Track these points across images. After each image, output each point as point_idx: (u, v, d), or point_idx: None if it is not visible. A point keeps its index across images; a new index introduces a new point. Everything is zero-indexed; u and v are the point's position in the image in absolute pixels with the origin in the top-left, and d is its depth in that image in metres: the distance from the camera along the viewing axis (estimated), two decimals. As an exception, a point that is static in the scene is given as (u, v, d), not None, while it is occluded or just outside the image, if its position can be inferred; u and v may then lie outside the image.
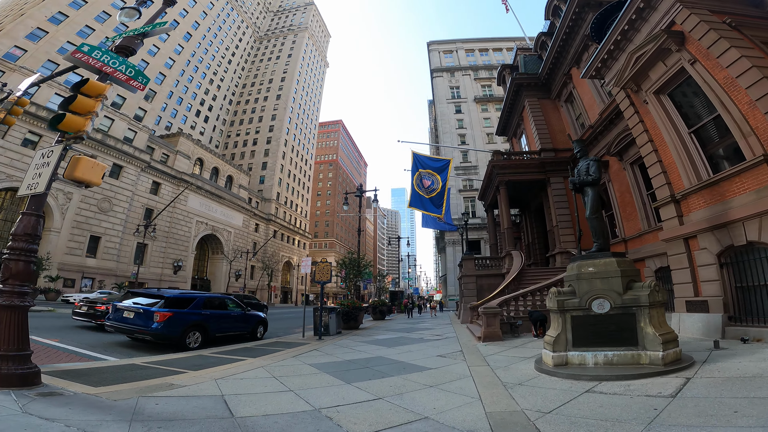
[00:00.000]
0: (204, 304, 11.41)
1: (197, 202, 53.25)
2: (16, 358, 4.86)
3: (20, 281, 5.17)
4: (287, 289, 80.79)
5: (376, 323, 22.48)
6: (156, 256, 46.46)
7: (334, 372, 7.24)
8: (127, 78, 6.23)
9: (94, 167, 5.86)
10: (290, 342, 12.34)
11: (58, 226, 35.83)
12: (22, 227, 5.33)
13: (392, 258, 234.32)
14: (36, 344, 9.01)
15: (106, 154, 39.95)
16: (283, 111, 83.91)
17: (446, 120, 58.74)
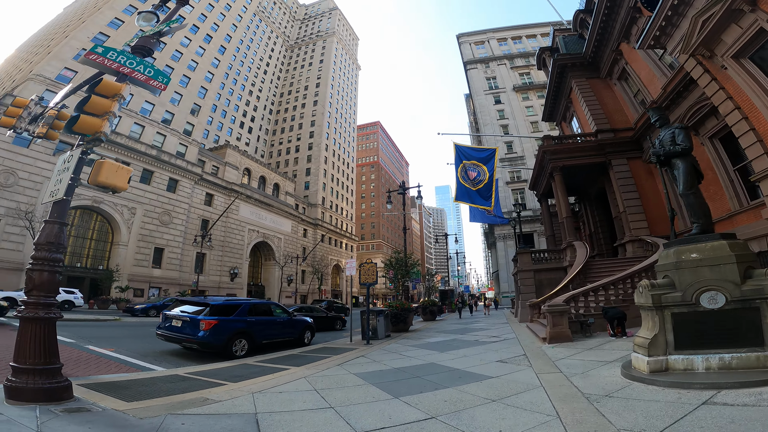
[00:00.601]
0: (249, 310, 11.13)
1: (248, 211, 55.25)
2: (44, 372, 4.59)
3: (45, 292, 4.90)
4: (337, 292, 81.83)
5: (426, 324, 21.56)
6: (214, 264, 48.68)
7: (380, 383, 6.48)
8: (147, 78, 5.90)
9: (118, 171, 5.57)
10: (337, 348, 11.79)
11: (125, 239, 38.45)
12: (45, 236, 5.06)
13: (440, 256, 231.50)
14: (90, 354, 9.15)
15: (162, 169, 42.48)
16: (321, 116, 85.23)
17: (486, 112, 56.56)
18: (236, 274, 50.92)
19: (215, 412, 4.67)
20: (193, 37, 51.45)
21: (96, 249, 37.81)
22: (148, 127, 42.67)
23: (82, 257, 36.78)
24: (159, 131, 43.99)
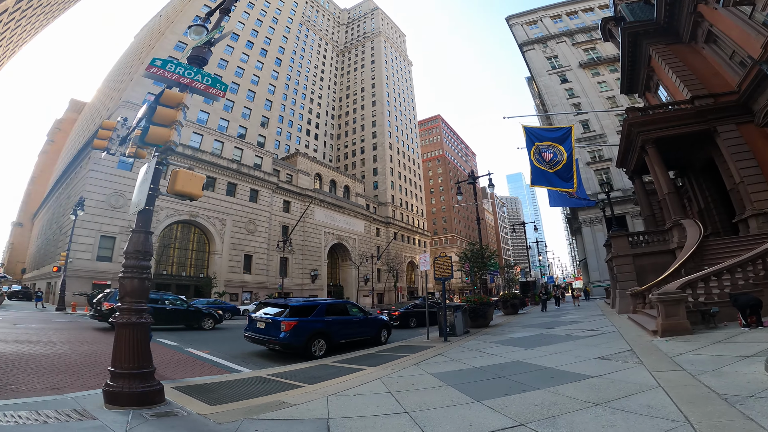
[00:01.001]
0: (326, 310, 11.26)
1: (323, 215, 57.59)
2: (137, 376, 4.81)
3: (136, 298, 5.16)
4: (413, 288, 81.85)
5: (507, 319, 20.29)
6: (296, 267, 51.54)
7: (460, 384, 5.95)
8: (206, 87, 6.11)
9: (192, 179, 5.75)
10: (414, 345, 11.41)
11: (219, 249, 42.29)
12: (132, 245, 5.35)
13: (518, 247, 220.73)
14: (189, 356, 9.81)
15: (243, 181, 46.00)
16: (381, 116, 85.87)
17: (552, 92, 52.52)
18: (316, 275, 53.34)
19: (289, 417, 4.57)
20: (250, 53, 54.74)
21: (197, 259, 42.15)
22: (227, 143, 46.44)
23: (186, 267, 41.25)
24: (236, 146, 47.63)
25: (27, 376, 5.95)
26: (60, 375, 6.26)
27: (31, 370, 6.42)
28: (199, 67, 6.16)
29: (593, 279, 42.95)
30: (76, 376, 6.39)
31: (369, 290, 59.89)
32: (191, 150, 41.32)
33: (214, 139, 45.22)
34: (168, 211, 38.16)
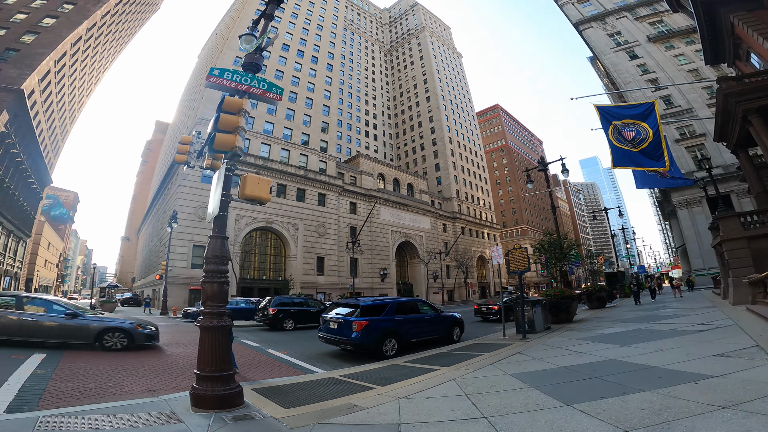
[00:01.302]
0: (396, 309, 11.08)
1: (388, 214, 58.07)
2: (219, 379, 4.94)
3: (216, 302, 5.32)
4: (484, 284, 79.20)
5: (594, 313, 18.54)
6: (365, 267, 52.59)
7: (545, 386, 5.38)
8: (263, 92, 6.27)
9: (260, 183, 5.89)
10: (489, 344, 10.80)
11: (294, 253, 44.59)
12: (211, 250, 5.55)
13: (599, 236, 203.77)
14: (268, 357, 10.16)
15: (311, 186, 47.98)
16: (437, 111, 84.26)
17: (622, 70, 47.89)
18: (386, 274, 53.90)
19: (359, 422, 4.43)
20: (302, 61, 56.72)
21: (275, 263, 44.90)
22: (293, 151, 48.72)
23: (267, 271, 44.13)
24: (301, 152, 49.76)
25: (128, 378, 6.54)
26: (157, 378, 6.80)
27: (133, 373, 7.07)
28: (254, 74, 6.33)
29: (695, 267, 37.86)
30: (172, 377, 6.91)
31: (438, 287, 59.11)
32: (262, 160, 44.06)
33: (281, 148, 47.69)
34: (247, 220, 41.05)
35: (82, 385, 5.69)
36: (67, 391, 5.26)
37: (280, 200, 44.30)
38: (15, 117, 37.81)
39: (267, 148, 46.11)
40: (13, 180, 43.53)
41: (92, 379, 6.13)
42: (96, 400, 5.07)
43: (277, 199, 44.05)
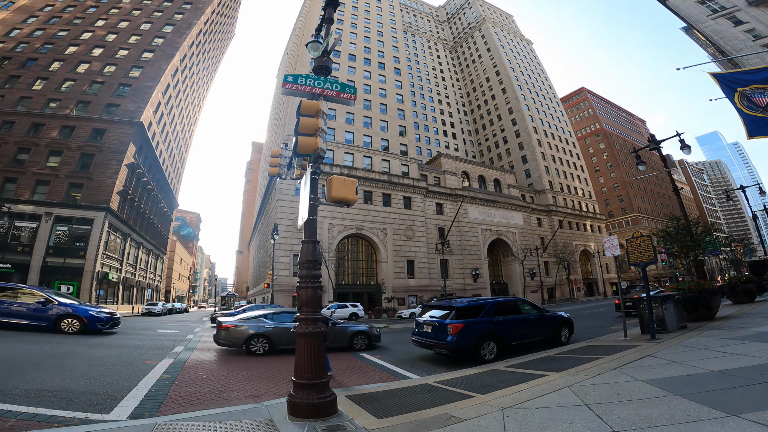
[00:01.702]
0: (495, 310, 10.37)
1: (476, 212, 56.06)
2: (314, 387, 4.89)
3: (311, 308, 5.32)
4: (590, 280, 71.75)
5: (741, 309, 15.27)
6: (456, 268, 51.36)
7: (693, 393, 4.37)
8: (336, 93, 6.30)
9: (345, 184, 5.89)
10: (606, 345, 9.44)
11: (384, 257, 45.46)
12: (303, 255, 5.63)
13: (734, 220, 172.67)
14: (363, 362, 10.18)
15: (395, 191, 48.50)
16: (516, 102, 79.79)
17: (728, 37, 40.08)
18: (478, 274, 51.94)
19: (459, 435, 3.97)
20: (369, 69, 57.69)
21: (367, 268, 46.29)
22: (375, 157, 49.81)
23: (360, 276, 45.70)
24: (383, 158, 50.64)
25: (238, 383, 6.97)
26: (262, 382, 7.15)
27: (243, 378, 7.55)
28: (326, 76, 6.42)
29: None
30: (275, 382, 7.21)
31: (537, 285, 55.10)
32: (347, 169, 45.87)
33: (363, 155, 49.11)
34: (339, 228, 43.00)
35: (198, 390, 6.17)
36: (185, 396, 5.72)
37: (367, 206, 45.58)
38: (140, 148, 44.94)
39: (350, 156, 47.87)
40: (147, 205, 51.76)
41: (208, 384, 6.64)
42: (207, 406, 5.42)
43: (364, 205, 45.40)
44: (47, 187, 36.37)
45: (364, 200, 45.97)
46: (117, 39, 49.44)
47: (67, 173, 37.16)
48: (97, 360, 8.34)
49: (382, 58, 60.94)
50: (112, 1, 54.89)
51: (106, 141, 39.53)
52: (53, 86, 42.40)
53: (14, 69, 43.13)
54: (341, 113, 49.97)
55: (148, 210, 52.26)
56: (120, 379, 6.53)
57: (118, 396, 5.37)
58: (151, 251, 57.31)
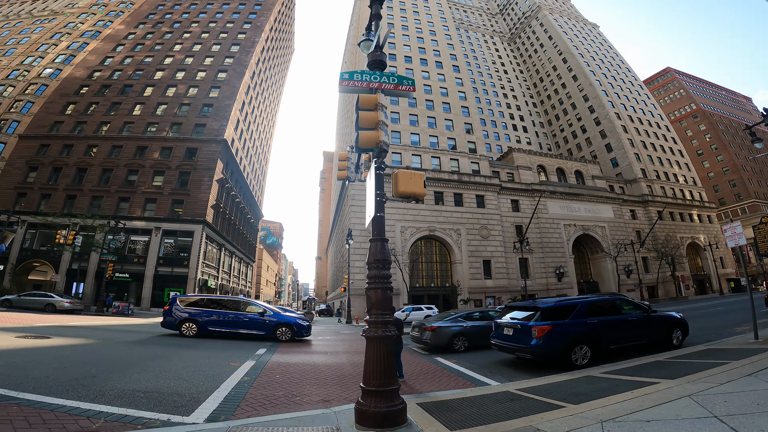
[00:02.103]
0: (589, 310, 9.28)
1: (557, 207, 52.23)
2: (382, 394, 4.63)
3: (380, 310, 5.10)
4: (701, 276, 62.49)
5: None
6: (537, 267, 48.24)
7: None
8: (394, 86, 6.12)
9: (412, 177, 5.65)
10: (733, 349, 7.93)
11: (459, 258, 44.33)
12: (372, 254, 5.41)
13: None
14: (437, 366, 9.76)
15: (467, 190, 47.09)
16: (590, 89, 73.77)
17: None
18: (563, 273, 48.18)
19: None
20: (427, 69, 56.72)
21: (441, 270, 45.55)
22: (442, 157, 48.86)
23: (434, 278, 45.12)
24: (451, 157, 49.51)
25: (311, 387, 6.99)
26: (334, 386, 7.09)
27: (315, 381, 7.56)
28: (381, 70, 6.27)
29: None
30: (345, 387, 7.11)
31: (634, 284, 49.40)
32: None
33: (431, 156, 48.50)
34: (411, 230, 42.95)
35: (273, 393, 6.31)
36: (260, 399, 5.88)
37: (438, 207, 44.95)
38: (227, 164, 49.23)
39: (417, 158, 47.62)
40: (237, 217, 56.59)
41: (283, 388, 6.77)
42: (279, 410, 5.46)
43: (435, 206, 44.83)
44: (155, 204, 41.55)
45: (435, 201, 45.37)
46: (194, 62, 54.38)
47: (170, 190, 42.09)
48: (189, 361, 8.96)
49: (438, 56, 60.09)
50: (183, 25, 60.67)
51: (198, 159, 44.08)
52: (149, 110, 48.07)
53: (114, 96, 49.49)
54: (405, 116, 50.11)
55: (237, 221, 57.16)
56: (206, 380, 6.89)
57: (200, 398, 5.65)
58: (242, 259, 62.61)
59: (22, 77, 52.22)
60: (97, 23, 62.21)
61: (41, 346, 9.85)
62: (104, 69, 53.13)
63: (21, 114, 47.50)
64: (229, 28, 60.60)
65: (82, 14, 65.24)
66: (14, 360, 7.50)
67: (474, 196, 47.45)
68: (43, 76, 52.30)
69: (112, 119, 46.99)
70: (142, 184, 42.29)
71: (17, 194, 41.24)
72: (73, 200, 41.08)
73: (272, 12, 66.31)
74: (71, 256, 35.41)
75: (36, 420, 4.15)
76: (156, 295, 38.30)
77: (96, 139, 44.87)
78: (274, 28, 70.77)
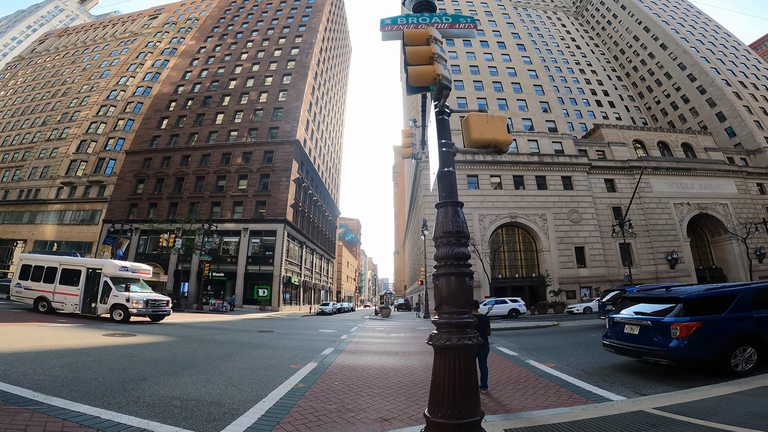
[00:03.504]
0: (753, 301, 6.87)
1: (663, 184, 45.16)
2: (456, 428, 3.22)
3: (455, 306, 3.54)
4: None
5: None
6: (643, 253, 42.17)
7: None
8: (449, 24, 4.85)
9: (489, 121, 4.18)
10: None
11: (546, 246, 40.44)
12: (440, 224, 3.87)
13: None
14: (530, 372, 7.93)
15: (550, 171, 42.79)
16: (686, 56, 64.86)
17: None
18: (676, 259, 41.41)
19: None
20: (490, 50, 53.24)
21: (525, 259, 42.05)
22: (519, 139, 44.83)
23: (518, 268, 41.82)
24: (528, 138, 45.31)
25: (371, 399, 5.64)
26: (399, 398, 5.65)
27: (379, 390, 6.25)
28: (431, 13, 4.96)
29: None
30: (412, 399, 5.62)
31: (773, 270, 40.73)
32: (490, 157, 42.59)
33: (505, 139, 44.99)
34: (491, 218, 40.23)
35: (325, 406, 5.14)
36: (307, 414, 4.77)
37: (519, 192, 41.58)
38: (302, 164, 50.80)
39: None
40: (315, 215, 58.49)
41: (338, 399, 5.58)
42: (327, 428, 4.36)
43: (515, 191, 41.57)
44: (242, 207, 44.47)
45: (515, 186, 42.05)
46: (260, 68, 56.98)
47: (253, 193, 44.70)
48: (250, 363, 8.37)
49: (499, 37, 56.03)
50: (245, 35, 63.83)
51: (275, 161, 46.14)
52: (229, 118, 51.51)
53: (198, 108, 53.84)
54: (472, 100, 47.38)
55: (316, 219, 59.12)
56: (256, 386, 6.12)
57: (239, 410, 4.75)
58: (322, 256, 64.83)
59: (120, 97, 59.39)
60: (171, 41, 68.28)
61: (117, 344, 10.06)
62: (186, 83, 58.11)
63: (125, 131, 54.23)
64: (286, 33, 62.59)
65: (157, 33, 72.05)
66: (77, 360, 7.48)
67: (559, 177, 42.96)
68: (138, 95, 58.92)
69: (200, 130, 51.25)
70: (229, 188, 45.49)
71: (130, 204, 47.05)
72: (175, 207, 45.63)
73: (323, 13, 67.29)
74: (177, 258, 39.14)
75: (35, 431, 3.65)
76: (247, 293, 40.95)
77: (188, 149, 49.35)
78: (327, 28, 71.91)
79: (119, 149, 52.53)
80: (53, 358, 7.47)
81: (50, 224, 50.96)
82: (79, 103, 61.91)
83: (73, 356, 7.80)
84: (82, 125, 57.51)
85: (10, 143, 62.44)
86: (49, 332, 11.36)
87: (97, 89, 62.80)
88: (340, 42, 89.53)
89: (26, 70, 78.28)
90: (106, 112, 57.72)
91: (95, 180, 50.80)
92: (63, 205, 51.51)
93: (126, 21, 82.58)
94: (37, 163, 56.90)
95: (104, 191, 49.89)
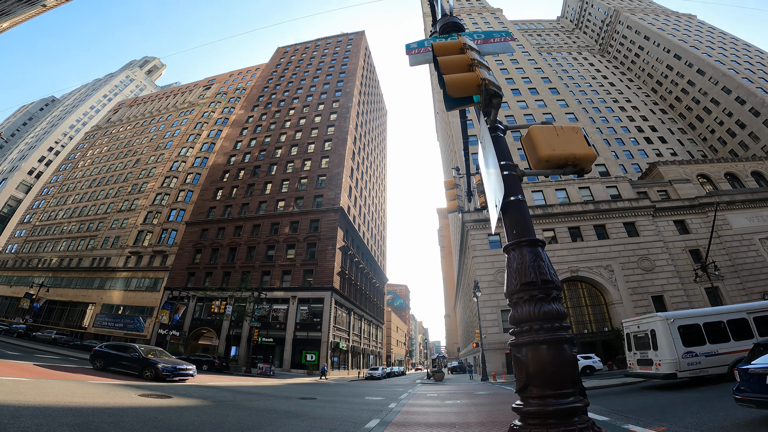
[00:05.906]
0: None
1: (742, 219, 40.37)
2: None
3: (554, 388, 2.67)
4: None
5: None
6: (735, 294, 36.61)
7: None
8: (483, 40, 4.52)
9: (560, 134, 3.50)
10: None
11: (617, 298, 36.40)
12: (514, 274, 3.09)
13: None
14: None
15: (609, 219, 39.76)
16: (726, 78, 63.76)
17: None
18: (777, 301, 35.38)
19: None
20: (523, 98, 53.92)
21: (594, 313, 37.88)
22: (568, 188, 42.72)
23: (586, 324, 37.58)
24: (579, 186, 43.01)
25: None
26: None
27: None
28: (458, 32, 4.67)
29: None
30: None
31: None
32: (540, 209, 40.63)
33: (554, 189, 43.08)
34: (547, 273, 37.31)
35: None
36: None
37: (577, 244, 38.79)
38: (347, 232, 51.16)
39: (539, 194, 42.79)
40: (362, 282, 57.67)
41: None
42: None
43: (572, 243, 38.83)
44: (290, 276, 44.90)
45: (572, 238, 39.37)
46: (303, 135, 59.61)
47: (301, 262, 45.23)
48: None
49: (530, 83, 56.61)
50: (287, 103, 67.79)
51: (321, 229, 46.95)
52: (276, 188, 53.58)
53: (249, 178, 56.53)
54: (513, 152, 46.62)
55: (363, 286, 58.28)
56: None
57: None
58: (371, 322, 62.86)
59: (181, 168, 64.16)
60: (223, 110, 73.84)
61: (147, 405, 9.33)
62: (237, 153, 61.96)
63: (185, 203, 58.18)
64: (324, 99, 66.12)
65: (211, 103, 78.06)
66: (93, 420, 6.71)
67: (621, 224, 39.78)
68: (196, 166, 63.32)
69: (250, 200, 53.86)
70: (278, 257, 46.50)
71: (188, 273, 49.21)
72: (228, 276, 47.05)
73: (356, 77, 70.68)
74: (229, 324, 39.85)
75: None
76: (295, 357, 40.03)
77: (240, 220, 51.84)
78: (362, 92, 75.02)
79: (180, 220, 56.25)
80: (69, 415, 6.83)
81: (117, 290, 54.00)
82: (146, 175, 67.36)
83: (90, 416, 7.12)
84: (149, 197, 62.24)
85: (86, 213, 68.22)
86: (86, 389, 10.86)
87: (162, 160, 68.22)
88: (375, 105, 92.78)
89: (103, 140, 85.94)
90: (169, 184, 62.30)
91: (159, 250, 54.15)
92: (130, 272, 54.84)
93: (185, 91, 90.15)
94: (109, 233, 61.66)
95: (166, 260, 52.80)
